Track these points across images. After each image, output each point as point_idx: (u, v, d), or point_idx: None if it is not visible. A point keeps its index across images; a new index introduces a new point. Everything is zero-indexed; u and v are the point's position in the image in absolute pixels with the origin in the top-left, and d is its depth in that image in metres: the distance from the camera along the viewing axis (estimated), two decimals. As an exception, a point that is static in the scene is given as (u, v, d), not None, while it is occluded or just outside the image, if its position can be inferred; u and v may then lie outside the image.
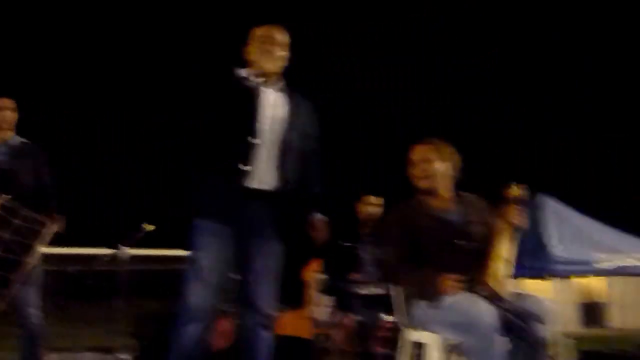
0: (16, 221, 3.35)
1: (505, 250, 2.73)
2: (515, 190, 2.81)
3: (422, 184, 2.92)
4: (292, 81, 2.81)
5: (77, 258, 5.16)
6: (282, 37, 2.76)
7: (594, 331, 18.58)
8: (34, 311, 3.58)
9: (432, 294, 2.66)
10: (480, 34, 27.26)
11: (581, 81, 27.34)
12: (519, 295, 2.70)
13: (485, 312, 2.47)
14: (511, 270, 2.74)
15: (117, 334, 4.60)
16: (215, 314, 2.70)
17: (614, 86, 27.73)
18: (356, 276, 4.86)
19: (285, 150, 2.69)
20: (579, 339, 8.56)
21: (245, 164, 2.59)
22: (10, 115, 3.77)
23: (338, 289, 4.77)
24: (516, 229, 2.77)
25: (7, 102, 3.79)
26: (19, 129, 3.84)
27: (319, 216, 2.83)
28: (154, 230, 4.18)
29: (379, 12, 28.90)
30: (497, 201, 2.86)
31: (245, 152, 2.60)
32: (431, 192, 2.93)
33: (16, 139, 3.80)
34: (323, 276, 5.32)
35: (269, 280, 2.68)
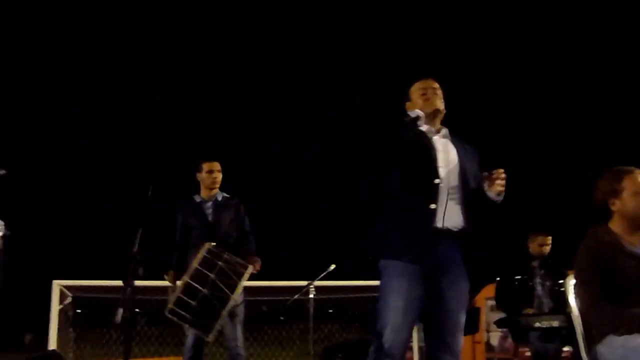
0: (220, 263, 3.66)
1: None
2: None
3: None
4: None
5: (274, 289, 5.53)
6: (436, 84, 2.80)
7: None
8: (238, 344, 3.93)
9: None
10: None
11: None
12: None
13: None
14: None
15: (305, 356, 4.81)
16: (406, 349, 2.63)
17: None
18: (530, 311, 4.66)
19: (466, 192, 2.66)
20: None
21: (434, 204, 2.56)
22: (220, 177, 4.21)
23: (513, 322, 4.52)
24: None
25: (219, 165, 4.22)
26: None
27: None
28: (335, 268, 4.37)
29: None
30: None
31: (432, 192, 2.58)
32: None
33: (220, 195, 4.21)
34: (494, 302, 5.19)
35: (458, 319, 2.61)
